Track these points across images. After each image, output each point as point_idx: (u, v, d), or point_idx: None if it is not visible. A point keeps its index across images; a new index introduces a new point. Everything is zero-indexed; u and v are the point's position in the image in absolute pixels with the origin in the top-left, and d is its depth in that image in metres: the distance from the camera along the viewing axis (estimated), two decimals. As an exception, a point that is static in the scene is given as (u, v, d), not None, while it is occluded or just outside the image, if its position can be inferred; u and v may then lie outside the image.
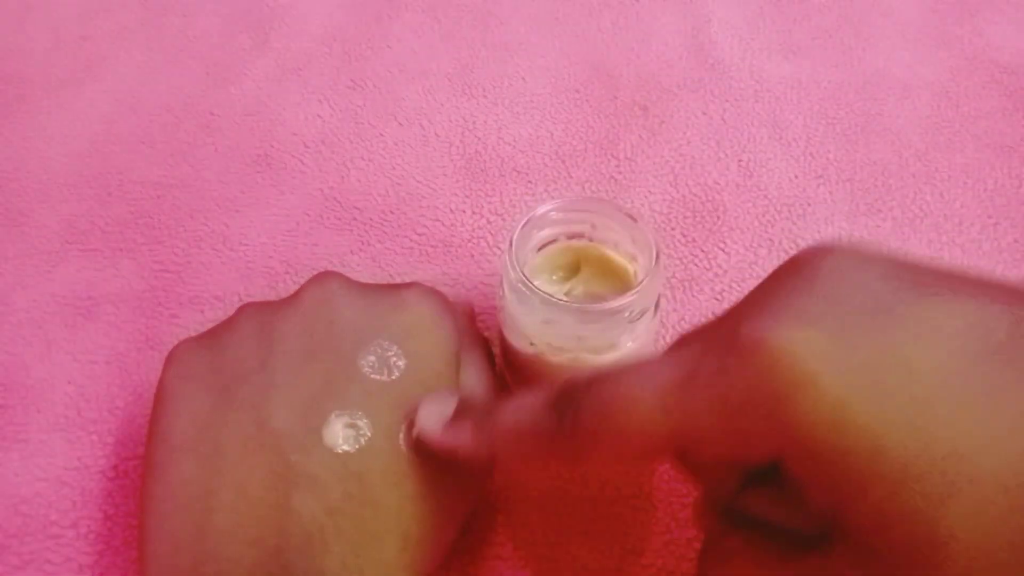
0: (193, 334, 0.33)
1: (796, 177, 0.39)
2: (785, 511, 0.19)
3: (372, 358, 0.25)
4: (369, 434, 0.23)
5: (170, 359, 0.27)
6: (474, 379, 0.27)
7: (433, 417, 0.23)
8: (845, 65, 0.44)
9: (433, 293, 0.28)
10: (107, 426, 0.31)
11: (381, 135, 0.41)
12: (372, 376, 0.24)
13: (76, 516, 0.29)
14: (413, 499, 0.23)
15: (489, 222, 0.37)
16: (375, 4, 0.47)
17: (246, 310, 0.27)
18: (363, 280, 0.28)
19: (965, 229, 0.37)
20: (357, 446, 0.23)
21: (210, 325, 0.34)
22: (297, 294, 0.27)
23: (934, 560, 0.15)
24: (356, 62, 0.44)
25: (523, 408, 0.22)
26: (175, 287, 0.35)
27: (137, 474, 0.30)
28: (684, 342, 0.22)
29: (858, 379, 0.16)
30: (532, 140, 0.40)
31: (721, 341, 0.18)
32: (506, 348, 0.30)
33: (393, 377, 0.25)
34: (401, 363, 0.25)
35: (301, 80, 0.43)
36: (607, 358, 0.27)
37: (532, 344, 0.28)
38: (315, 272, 0.29)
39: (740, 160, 0.40)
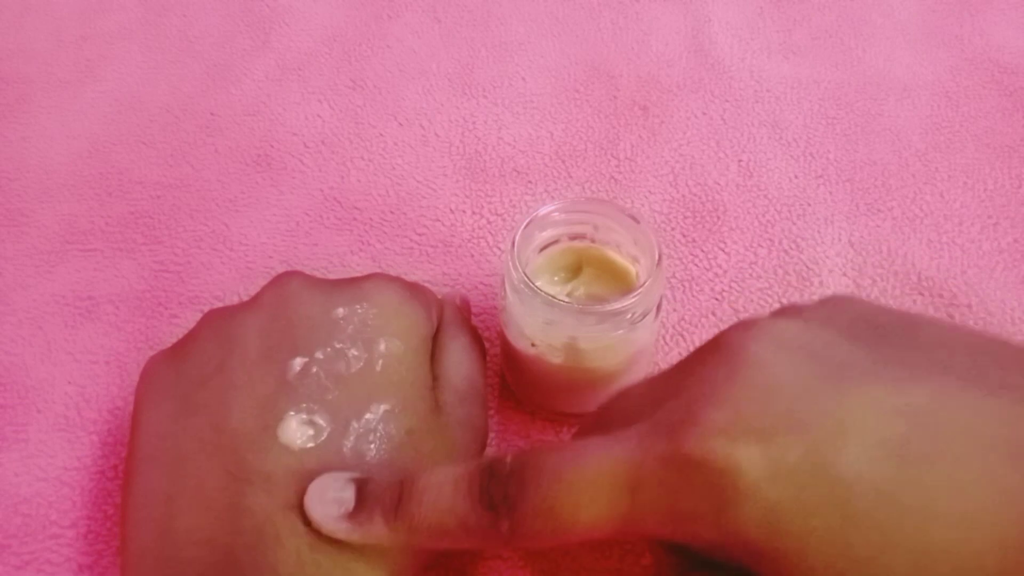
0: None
1: (796, 177, 0.39)
2: None
3: (330, 352, 0.25)
4: (328, 429, 0.23)
5: (142, 374, 0.27)
6: (456, 364, 0.27)
7: (329, 507, 0.22)
8: (845, 65, 0.44)
9: (394, 281, 0.28)
10: (107, 426, 0.31)
11: (381, 135, 0.41)
12: (330, 371, 0.24)
13: (76, 516, 0.29)
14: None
15: (489, 222, 0.37)
16: (375, 4, 0.47)
17: (208, 317, 0.27)
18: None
19: (965, 229, 0.37)
20: (314, 443, 0.23)
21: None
22: (257, 296, 0.27)
23: None
24: (356, 62, 0.44)
25: (443, 497, 0.20)
26: (175, 287, 0.35)
27: (137, 474, 0.30)
28: (622, 415, 0.22)
29: (787, 487, 0.17)
30: (532, 140, 0.40)
31: (663, 445, 0.18)
32: (507, 349, 0.30)
33: (352, 371, 0.24)
34: (360, 355, 0.25)
35: (301, 80, 0.43)
36: (608, 359, 0.27)
37: (533, 345, 0.28)
38: (315, 272, 0.29)
39: (740, 160, 0.40)
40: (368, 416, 0.24)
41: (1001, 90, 0.43)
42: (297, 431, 0.23)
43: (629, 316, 0.26)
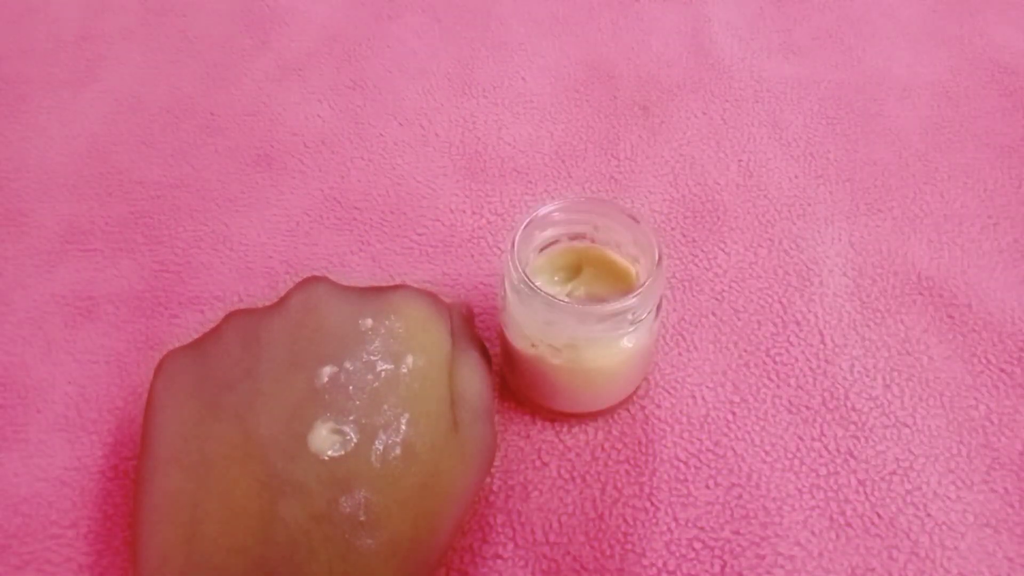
0: (192, 335, 0.33)
1: (796, 177, 0.39)
2: None
3: (359, 363, 0.24)
4: (356, 439, 0.23)
5: (158, 369, 0.27)
6: (468, 381, 0.27)
7: None
8: (845, 65, 0.44)
9: (422, 295, 0.27)
10: (107, 426, 0.31)
11: (381, 135, 0.41)
12: (358, 381, 0.24)
13: (76, 516, 0.29)
14: (401, 504, 0.23)
15: (489, 222, 0.37)
16: (375, 4, 0.47)
17: (232, 318, 0.27)
18: (362, 280, 0.28)
19: (965, 229, 0.37)
20: (343, 452, 0.23)
21: (210, 325, 0.34)
22: (283, 300, 0.27)
23: None
24: (356, 62, 0.44)
25: None
26: (175, 287, 0.35)
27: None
28: None
29: None
30: (532, 140, 0.40)
31: None
32: (507, 349, 0.30)
33: (379, 383, 0.24)
34: (387, 368, 0.25)
35: (301, 80, 0.43)
36: (608, 359, 0.27)
37: (533, 345, 0.28)
38: (315, 272, 0.29)
39: (740, 160, 0.40)
40: (394, 428, 0.24)
41: (1001, 90, 0.43)
42: (327, 440, 0.23)
43: (629, 316, 0.26)
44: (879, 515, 0.28)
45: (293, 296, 0.27)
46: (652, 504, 0.29)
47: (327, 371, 0.24)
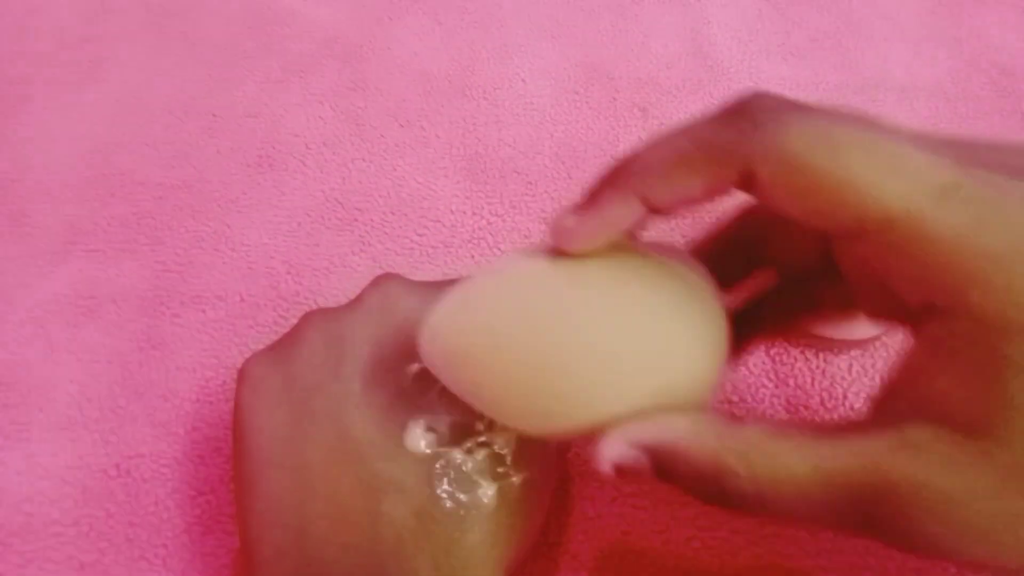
0: (196, 333, 0.34)
1: (795, 178, 0.39)
2: None
3: None
4: (447, 435, 0.24)
5: (242, 376, 0.27)
6: None
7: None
8: (844, 66, 0.44)
9: None
10: (109, 425, 0.31)
11: (382, 136, 0.41)
12: None
13: (78, 515, 0.29)
14: (498, 494, 0.24)
15: (489, 223, 0.37)
16: (376, 6, 0.47)
17: (310, 319, 0.27)
18: (363, 280, 0.29)
19: (964, 230, 0.37)
20: (437, 448, 0.24)
21: (212, 325, 0.34)
22: (359, 299, 0.27)
23: None
24: (357, 64, 0.44)
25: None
26: (177, 287, 0.35)
27: (138, 472, 0.30)
28: None
29: None
30: (532, 141, 0.40)
31: None
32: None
33: None
34: None
35: (303, 82, 0.44)
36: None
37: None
38: (316, 273, 0.29)
39: (739, 161, 0.40)
40: (478, 424, 0.24)
41: (1000, 91, 0.43)
42: (421, 438, 0.24)
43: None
44: (877, 514, 0.28)
45: (368, 294, 0.27)
46: (650, 503, 0.29)
47: (414, 368, 0.25)
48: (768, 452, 0.19)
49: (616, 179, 0.21)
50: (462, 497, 0.23)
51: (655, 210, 0.21)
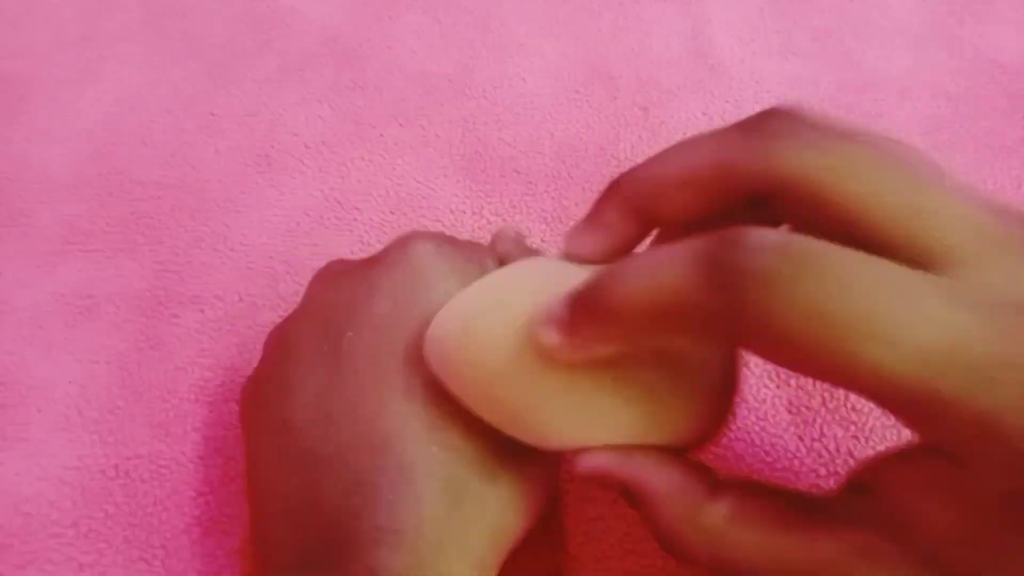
0: (195, 333, 0.34)
1: (796, 178, 0.39)
2: None
3: None
4: None
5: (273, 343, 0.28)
6: None
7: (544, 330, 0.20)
8: (845, 66, 0.44)
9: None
10: (108, 425, 0.31)
11: (381, 135, 0.41)
12: None
13: (77, 515, 0.29)
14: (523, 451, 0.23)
15: (489, 222, 0.37)
16: (375, 5, 0.47)
17: (329, 269, 0.29)
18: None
19: (965, 229, 0.37)
20: None
21: (212, 324, 0.34)
22: (380, 259, 0.27)
23: None
24: (356, 63, 0.44)
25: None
26: (176, 287, 0.35)
27: (137, 473, 0.30)
28: None
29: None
30: (532, 140, 0.40)
31: None
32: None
33: None
34: None
35: (302, 81, 0.43)
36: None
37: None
38: (314, 273, 0.29)
39: (740, 161, 0.40)
40: None
41: (1001, 91, 0.43)
42: None
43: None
44: (878, 515, 0.28)
45: (394, 257, 0.27)
46: (652, 504, 0.29)
47: None
48: (729, 542, 0.19)
49: (621, 194, 0.21)
50: None
51: (661, 226, 0.21)
